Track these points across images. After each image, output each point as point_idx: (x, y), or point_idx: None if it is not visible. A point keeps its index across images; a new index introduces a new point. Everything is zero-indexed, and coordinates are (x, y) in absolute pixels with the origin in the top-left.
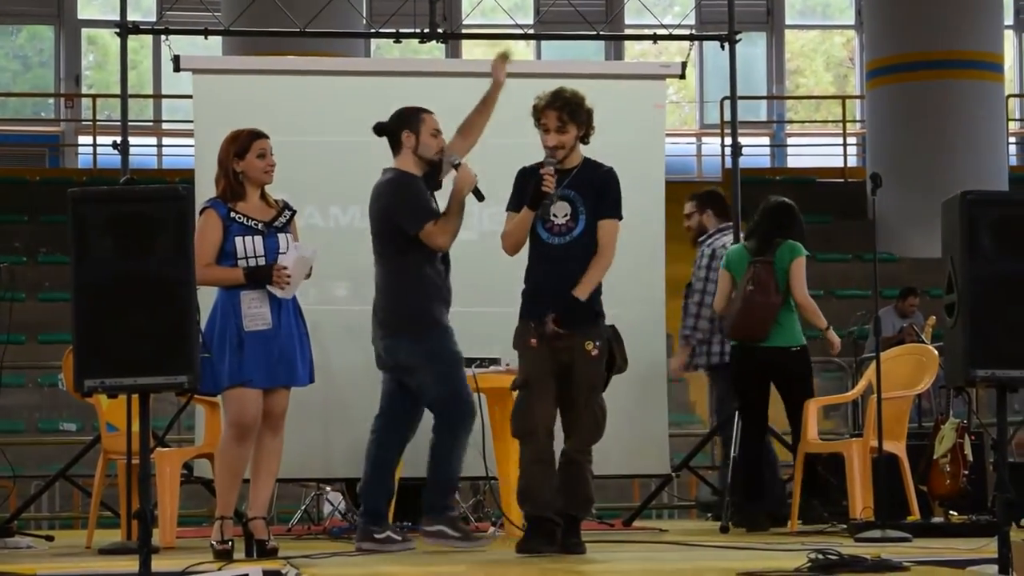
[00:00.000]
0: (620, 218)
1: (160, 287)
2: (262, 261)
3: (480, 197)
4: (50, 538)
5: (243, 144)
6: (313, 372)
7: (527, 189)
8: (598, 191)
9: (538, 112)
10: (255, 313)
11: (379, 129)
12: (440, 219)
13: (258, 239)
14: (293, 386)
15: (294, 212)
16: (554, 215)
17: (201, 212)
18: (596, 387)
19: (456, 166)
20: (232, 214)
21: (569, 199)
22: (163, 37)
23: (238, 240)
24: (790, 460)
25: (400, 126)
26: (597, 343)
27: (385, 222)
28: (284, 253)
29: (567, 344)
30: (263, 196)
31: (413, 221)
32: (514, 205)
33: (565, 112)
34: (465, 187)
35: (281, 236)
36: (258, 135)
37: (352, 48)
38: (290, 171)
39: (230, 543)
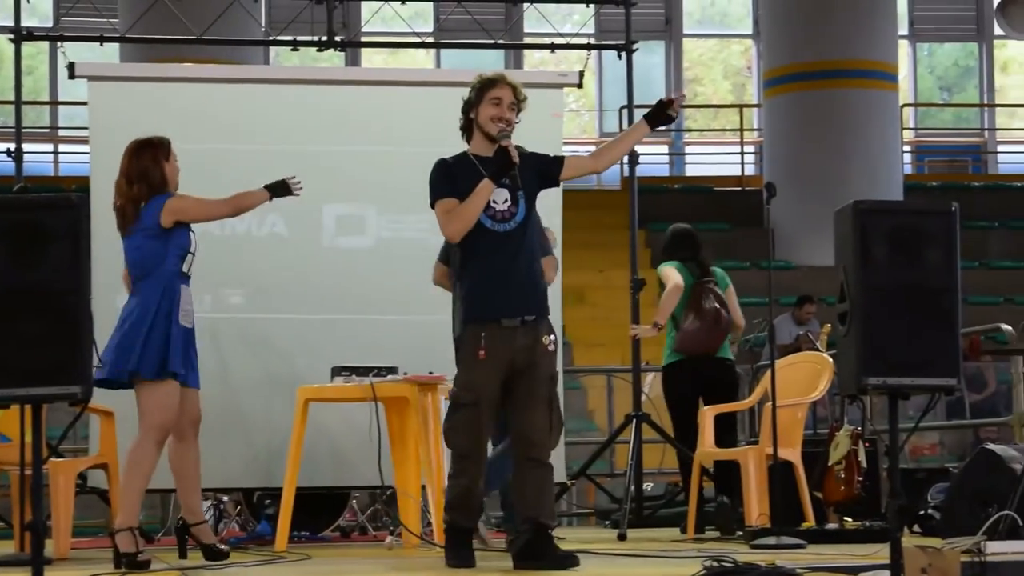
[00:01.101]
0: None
1: (53, 297)
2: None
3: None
4: None
5: (167, 148)
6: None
7: (458, 176)
8: (529, 167)
9: (491, 84)
10: (188, 310)
11: None
12: None
13: (194, 236)
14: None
15: None
16: (494, 201)
17: (170, 196)
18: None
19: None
20: None
21: (504, 184)
22: (58, 44)
23: (190, 235)
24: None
25: None
26: (552, 337)
27: None
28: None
29: (527, 343)
30: None
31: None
32: (447, 191)
33: (520, 95)
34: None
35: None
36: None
37: (250, 55)
38: (186, 178)
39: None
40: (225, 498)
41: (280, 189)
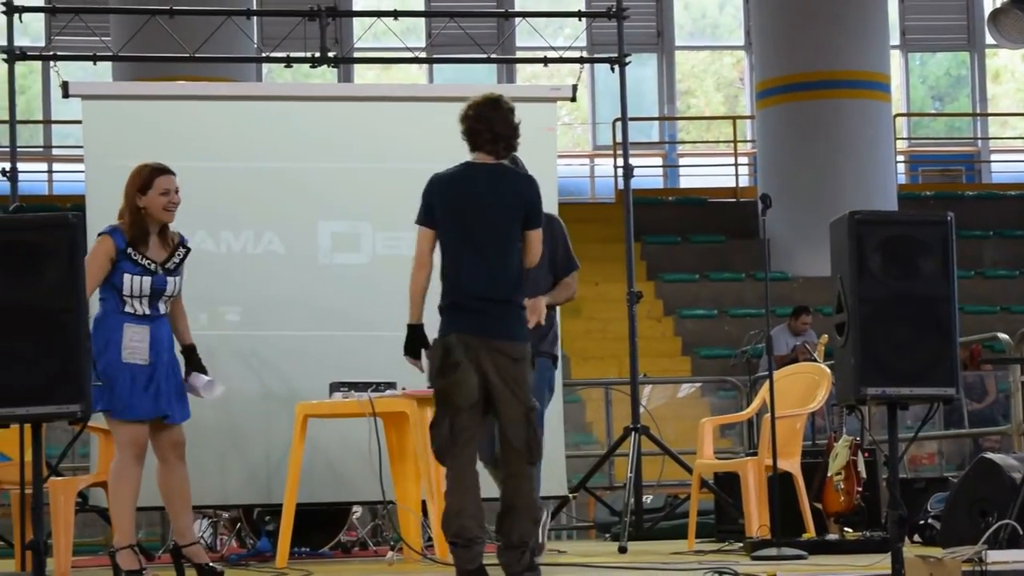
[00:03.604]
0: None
1: (51, 316)
2: (145, 301)
3: None
4: None
5: (145, 180)
6: (188, 407)
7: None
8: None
9: None
10: (137, 347)
11: None
12: None
13: (146, 280)
14: (172, 422)
15: (188, 250)
16: None
17: (98, 235)
18: None
19: None
20: (129, 250)
21: None
22: (51, 63)
23: (126, 277)
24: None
25: None
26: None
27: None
28: (201, 381)
29: None
30: (162, 232)
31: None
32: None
33: None
34: None
35: (170, 279)
36: (161, 171)
37: (243, 72)
38: (182, 196)
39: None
40: (226, 515)
41: None
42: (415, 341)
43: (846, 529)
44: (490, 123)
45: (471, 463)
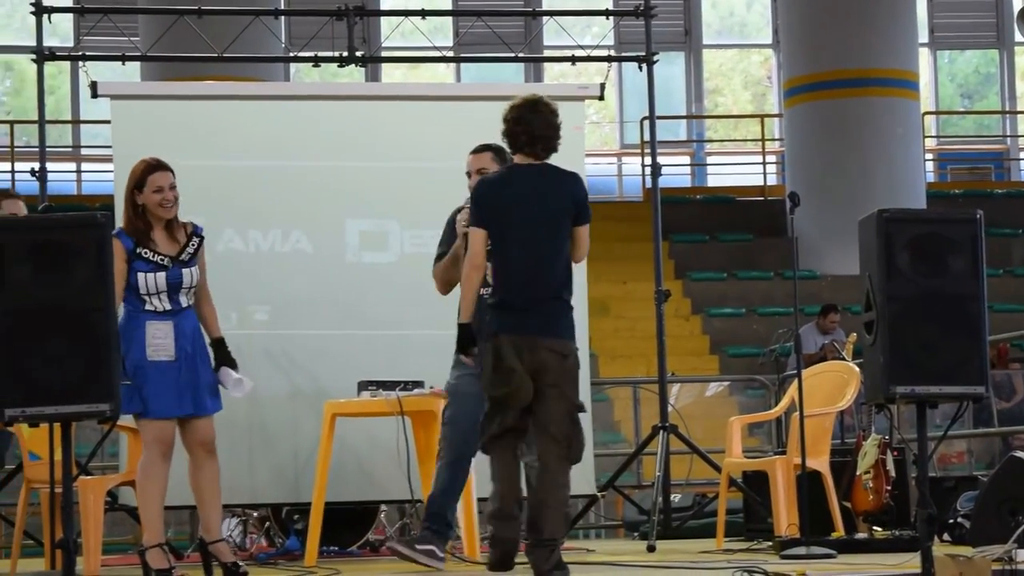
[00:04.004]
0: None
1: (80, 315)
2: (164, 297)
3: None
4: None
5: (139, 178)
6: (219, 399)
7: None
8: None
9: None
10: (159, 344)
11: None
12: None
13: (160, 276)
14: (203, 415)
15: (202, 239)
16: None
17: (117, 235)
18: None
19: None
20: (138, 249)
21: None
22: (80, 63)
23: (140, 276)
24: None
25: None
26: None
27: None
28: (234, 378)
29: None
30: (168, 226)
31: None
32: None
33: None
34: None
35: (185, 271)
36: (154, 168)
37: (271, 72)
38: (209, 195)
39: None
40: (254, 513)
41: None
42: (466, 340)
43: (875, 528)
44: (528, 125)
45: (515, 452)
